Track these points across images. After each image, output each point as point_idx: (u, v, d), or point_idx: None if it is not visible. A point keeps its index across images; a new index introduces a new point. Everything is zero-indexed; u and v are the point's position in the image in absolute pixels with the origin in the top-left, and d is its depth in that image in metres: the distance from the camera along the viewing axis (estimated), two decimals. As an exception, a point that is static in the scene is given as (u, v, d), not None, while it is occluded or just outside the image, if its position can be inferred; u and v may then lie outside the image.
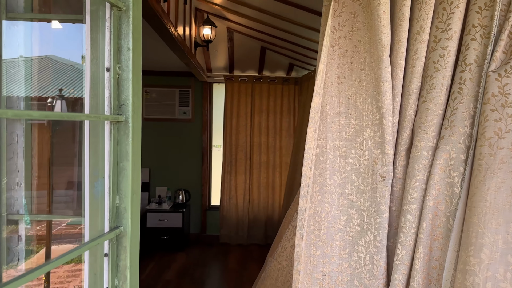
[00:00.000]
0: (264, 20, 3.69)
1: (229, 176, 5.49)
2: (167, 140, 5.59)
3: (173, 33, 2.68)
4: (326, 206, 1.10)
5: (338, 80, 1.13)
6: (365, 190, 1.10)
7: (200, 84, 5.58)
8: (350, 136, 1.12)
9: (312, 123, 1.05)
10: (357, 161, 1.11)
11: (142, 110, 5.44)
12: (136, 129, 0.84)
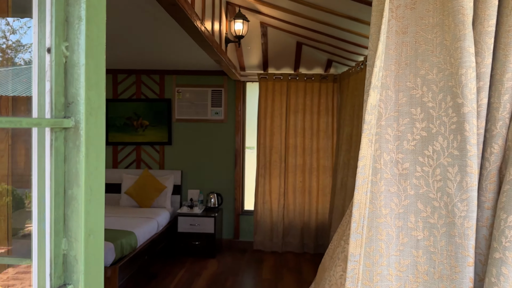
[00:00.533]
0: (301, 11, 3.38)
1: (263, 180, 5.21)
2: (199, 142, 5.39)
3: (198, 26, 2.43)
4: (380, 245, 0.79)
5: (396, 67, 0.81)
6: (437, 224, 0.78)
7: (233, 83, 5.33)
8: (414, 147, 0.81)
9: (367, 130, 0.74)
10: (425, 183, 0.79)
11: (173, 111, 5.29)
12: (94, 138, 0.57)
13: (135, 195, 5.07)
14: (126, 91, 5.43)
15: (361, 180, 0.72)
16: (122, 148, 5.47)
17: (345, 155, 4.12)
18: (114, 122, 5.41)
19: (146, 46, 4.76)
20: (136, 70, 5.36)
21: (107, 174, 5.38)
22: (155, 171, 5.35)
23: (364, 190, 0.73)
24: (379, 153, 0.82)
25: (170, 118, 5.37)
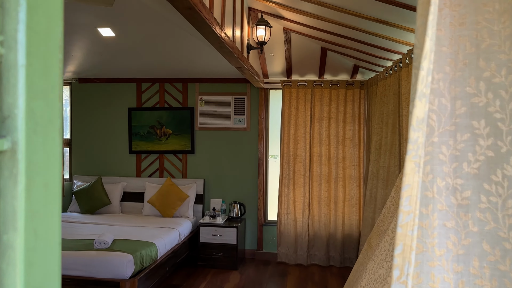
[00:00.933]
0: (325, 15, 3.25)
1: (287, 189, 5.07)
2: (222, 150, 5.31)
3: (217, 32, 2.33)
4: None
5: (451, 69, 0.67)
6: (510, 273, 0.62)
7: (256, 91, 5.24)
8: (478, 171, 0.65)
9: (413, 151, 0.58)
10: (492, 217, 0.64)
11: (196, 119, 5.23)
12: (42, 165, 0.44)
13: (157, 204, 5.02)
14: (150, 99, 5.42)
15: (405, 216, 0.57)
16: (146, 157, 5.45)
17: (374, 165, 3.93)
18: (138, 131, 5.40)
19: (170, 54, 4.74)
20: (159, 78, 5.35)
21: (131, 182, 5.37)
22: (177, 180, 5.29)
23: (409, 229, 0.57)
24: (431, 178, 0.66)
25: (193, 127, 5.31)
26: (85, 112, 5.55)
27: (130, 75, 5.34)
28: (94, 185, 5.21)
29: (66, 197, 5.59)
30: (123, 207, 5.35)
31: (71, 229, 4.32)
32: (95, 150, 5.54)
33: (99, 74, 5.38)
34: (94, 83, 5.52)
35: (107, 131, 5.51)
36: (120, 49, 4.70)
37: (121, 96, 5.46)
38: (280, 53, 4.57)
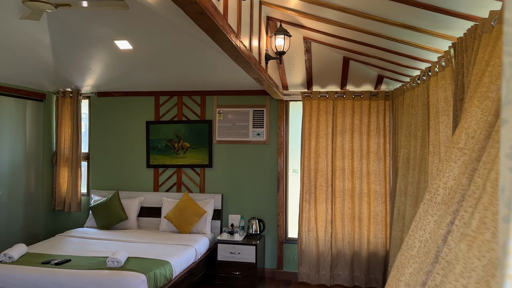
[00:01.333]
0: (347, 22, 3.07)
1: (308, 205, 4.84)
2: (241, 164, 5.15)
3: (232, 40, 2.19)
4: None
5: None
6: None
7: (276, 103, 5.08)
8: None
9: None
10: None
11: (214, 132, 5.11)
12: None
13: (174, 220, 4.88)
14: (168, 113, 5.33)
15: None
16: (163, 171, 5.35)
17: (402, 181, 3.69)
18: (156, 145, 5.31)
19: (188, 67, 4.65)
20: (177, 91, 5.27)
21: (148, 197, 5.26)
22: (195, 195, 5.15)
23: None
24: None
25: (211, 140, 5.18)
26: (104, 126, 5.51)
27: (148, 88, 5.27)
28: (111, 200, 5.13)
29: (83, 212, 5.52)
30: (140, 222, 5.24)
31: (86, 246, 4.22)
32: (113, 164, 5.48)
33: (117, 88, 5.34)
34: (113, 97, 5.48)
35: (125, 145, 5.45)
36: (137, 62, 4.65)
37: (139, 110, 5.40)
38: (300, 63, 4.41)
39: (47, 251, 3.95)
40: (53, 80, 5.20)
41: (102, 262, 3.52)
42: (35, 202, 5.37)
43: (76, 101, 5.39)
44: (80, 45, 4.36)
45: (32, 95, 5.23)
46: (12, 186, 4.96)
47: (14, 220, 5.00)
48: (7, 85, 4.76)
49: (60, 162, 5.44)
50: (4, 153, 4.82)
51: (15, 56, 4.29)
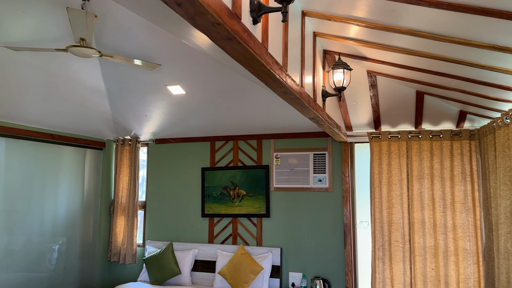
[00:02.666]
0: (420, 49, 2.57)
1: (382, 264, 4.13)
2: (301, 214, 4.63)
3: (274, 72, 1.81)
4: None
5: None
6: None
7: (339, 146, 4.56)
8: None
9: None
10: None
11: (271, 178, 4.70)
12: None
13: (229, 277, 4.43)
14: (224, 158, 5.05)
15: None
16: (218, 221, 4.99)
17: (507, 239, 2.92)
18: (211, 192, 5.01)
19: (242, 110, 4.38)
20: (233, 136, 4.99)
21: (203, 250, 4.90)
22: (251, 248, 4.68)
23: None
24: None
25: (268, 187, 4.76)
26: (160, 173, 5.36)
27: (204, 133, 5.07)
28: (164, 252, 4.84)
29: (138, 264, 5.29)
30: (194, 277, 4.85)
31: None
32: (168, 213, 5.25)
33: (174, 134, 5.21)
34: (170, 143, 5.35)
35: (180, 192, 5.22)
36: (191, 107, 4.47)
37: (195, 156, 5.19)
38: (365, 100, 3.92)
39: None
40: (112, 128, 5.22)
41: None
42: (92, 252, 5.25)
43: (134, 149, 5.34)
44: (134, 92, 4.29)
45: (92, 144, 5.27)
46: (69, 235, 4.90)
47: (70, 271, 4.89)
48: (66, 134, 4.83)
49: (117, 211, 5.34)
50: (62, 201, 4.80)
51: (71, 105, 4.32)
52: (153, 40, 3.38)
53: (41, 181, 4.49)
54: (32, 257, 4.37)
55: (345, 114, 4.14)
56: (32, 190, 4.38)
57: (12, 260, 4.15)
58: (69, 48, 2.77)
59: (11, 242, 4.14)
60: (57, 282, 4.68)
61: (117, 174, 5.40)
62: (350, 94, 3.83)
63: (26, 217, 4.31)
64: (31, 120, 4.24)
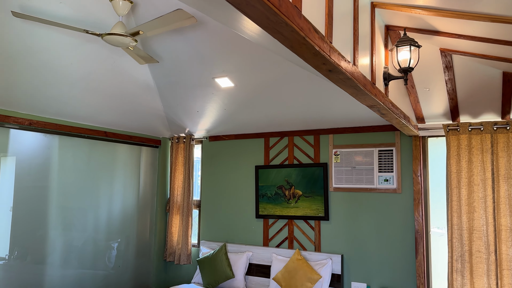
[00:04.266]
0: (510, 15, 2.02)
1: (460, 278, 3.52)
2: (364, 218, 4.13)
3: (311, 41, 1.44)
4: None
5: None
6: None
7: (409, 140, 4.00)
8: None
9: None
10: None
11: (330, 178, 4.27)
12: None
13: (284, 284, 4.08)
14: (278, 156, 4.71)
15: None
16: (273, 222, 4.66)
17: None
18: (266, 192, 4.70)
19: (296, 102, 4.01)
20: (288, 131, 4.63)
21: (257, 253, 4.60)
22: (309, 254, 4.29)
23: None
24: None
25: (326, 187, 4.33)
26: (214, 172, 5.17)
27: (257, 129, 4.77)
28: (217, 254, 4.63)
29: (192, 264, 5.14)
30: (248, 282, 4.58)
31: (181, 309, 3.71)
32: (222, 213, 5.03)
33: (227, 131, 4.98)
34: (223, 141, 5.14)
35: (234, 191, 4.98)
36: (241, 101, 4.20)
37: (249, 153, 4.91)
38: (439, 86, 3.34)
39: (139, 312, 3.55)
40: (166, 126, 5.13)
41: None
42: (148, 251, 5.21)
43: (188, 146, 5.20)
44: (183, 86, 4.12)
45: (147, 141, 5.22)
46: (126, 234, 4.88)
47: (126, 270, 4.87)
48: (120, 132, 4.81)
49: (172, 210, 5.24)
50: (118, 199, 4.79)
51: (121, 101, 4.26)
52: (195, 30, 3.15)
53: (96, 179, 4.50)
54: (89, 255, 4.39)
55: (415, 103, 3.59)
56: (87, 188, 4.40)
57: (69, 257, 4.18)
58: (104, 36, 2.62)
59: (68, 239, 4.18)
60: (113, 280, 4.67)
61: (173, 172, 5.30)
62: (421, 79, 3.29)
63: (82, 215, 4.33)
64: (83, 117, 4.25)
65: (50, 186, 4.02)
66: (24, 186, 3.80)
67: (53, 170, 4.06)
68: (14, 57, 3.15)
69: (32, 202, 3.86)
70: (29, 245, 3.81)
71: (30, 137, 3.88)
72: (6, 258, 3.63)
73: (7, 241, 3.65)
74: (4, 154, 3.68)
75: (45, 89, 3.62)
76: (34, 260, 3.85)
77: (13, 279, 3.66)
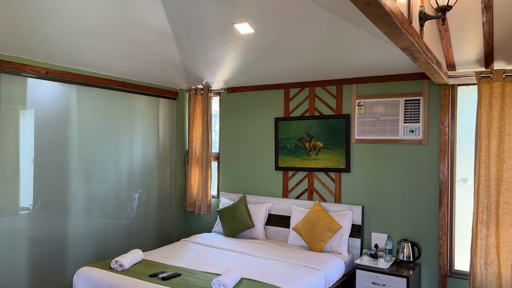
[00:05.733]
0: None
1: (486, 229, 3.47)
2: (387, 170, 4.06)
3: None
4: None
5: None
6: None
7: (437, 89, 3.82)
8: None
9: None
10: None
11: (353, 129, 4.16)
12: None
13: (304, 234, 4.11)
14: (298, 107, 4.59)
15: None
16: (293, 174, 4.62)
17: None
18: (285, 144, 4.63)
19: (319, 50, 3.83)
20: (309, 82, 4.48)
21: (276, 204, 4.61)
22: (329, 205, 4.28)
23: None
24: None
25: (348, 139, 4.23)
26: (233, 124, 5.10)
27: (277, 80, 4.63)
28: (237, 205, 4.66)
29: (213, 215, 5.21)
30: (267, 231, 4.63)
31: (204, 256, 3.79)
32: (242, 165, 5.01)
33: (246, 82, 4.85)
34: (242, 92, 5.02)
35: (253, 144, 4.92)
36: (261, 49, 4.03)
37: (268, 105, 4.80)
38: (474, 29, 3.12)
39: (163, 259, 3.63)
40: (184, 77, 5.02)
41: (210, 281, 2.97)
42: (168, 202, 5.28)
43: (206, 98, 5.11)
44: (200, 33, 3.96)
45: (165, 93, 5.14)
46: (147, 185, 4.93)
47: (148, 219, 4.97)
48: (138, 82, 4.72)
49: (191, 162, 5.25)
50: (138, 151, 4.80)
51: (138, 50, 4.13)
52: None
53: (115, 131, 4.48)
54: (111, 205, 4.46)
55: (447, 48, 3.38)
56: (106, 140, 4.39)
57: (93, 207, 4.26)
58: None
59: (90, 190, 4.23)
60: (136, 229, 4.78)
61: (191, 124, 5.25)
62: (455, 22, 3.07)
63: (102, 167, 4.36)
64: (99, 67, 4.15)
65: (69, 138, 4.02)
66: (44, 138, 3.80)
67: (72, 122, 4.03)
68: (26, 1, 3.02)
69: (52, 154, 3.88)
70: (51, 196, 3.88)
71: (47, 87, 3.83)
72: (30, 208, 3.71)
73: (30, 192, 3.71)
74: (23, 107, 3.65)
75: (60, 36, 3.51)
76: (58, 210, 3.93)
77: (38, 227, 3.76)
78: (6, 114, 3.50)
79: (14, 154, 3.58)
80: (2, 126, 3.47)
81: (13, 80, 3.54)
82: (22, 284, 3.61)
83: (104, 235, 4.37)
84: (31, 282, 3.68)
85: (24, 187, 3.65)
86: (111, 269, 3.25)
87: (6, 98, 3.50)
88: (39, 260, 3.73)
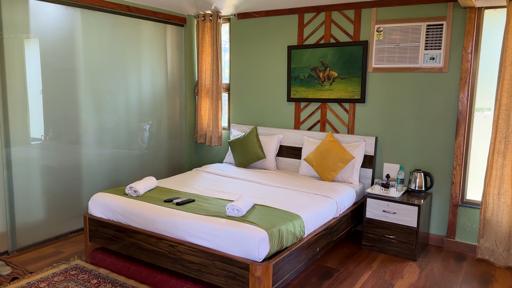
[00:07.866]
0: None
1: (502, 159, 3.42)
2: (403, 100, 3.94)
3: None
4: None
5: None
6: None
7: (462, 13, 3.57)
8: None
9: None
10: None
11: (370, 57, 3.97)
12: None
13: (315, 164, 4.10)
14: (313, 34, 4.37)
15: None
16: (306, 106, 4.53)
17: None
18: (298, 74, 4.48)
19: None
20: (325, 6, 4.22)
21: (288, 135, 4.57)
22: (342, 136, 4.22)
23: None
24: None
25: (365, 68, 4.07)
26: (244, 53, 4.91)
27: (290, 4, 4.36)
28: (248, 136, 4.62)
29: (223, 146, 5.21)
30: (278, 162, 4.64)
31: (217, 184, 3.83)
32: (252, 96, 4.91)
33: (257, 6, 4.58)
34: (253, 18, 4.77)
35: (264, 74, 4.77)
36: (275, -32, 3.74)
37: (281, 32, 4.58)
38: None
39: (176, 186, 3.67)
40: (191, 1, 4.75)
41: (224, 207, 3.01)
42: (179, 133, 5.27)
43: (215, 25, 4.87)
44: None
45: (172, 19, 4.90)
46: (157, 116, 4.89)
47: (159, 150, 4.99)
48: (143, 6, 4.48)
49: (201, 93, 5.14)
50: (147, 81, 4.69)
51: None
52: None
53: (122, 60, 4.34)
54: (122, 136, 4.45)
55: (479, -36, 3.10)
56: (114, 70, 4.27)
57: (105, 137, 4.25)
58: None
59: (100, 121, 4.20)
60: (148, 159, 4.82)
61: (199, 54, 5.07)
62: None
63: (111, 97, 4.28)
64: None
65: (77, 69, 3.90)
66: (51, 68, 3.69)
67: (78, 52, 3.89)
68: None
69: (60, 85, 3.79)
70: (62, 127, 3.85)
71: (51, 12, 3.64)
72: (42, 139, 3.70)
73: (41, 123, 3.68)
74: (27, 35, 3.50)
75: (60, -47, 3.26)
76: (69, 140, 3.92)
77: (51, 157, 3.78)
78: (10, 43, 3.37)
79: (22, 85, 3.49)
80: (8, 57, 3.35)
81: (14, 4, 3.35)
82: (38, 209, 3.71)
83: (117, 165, 4.41)
84: (47, 206, 3.78)
85: (33, 118, 3.62)
86: (126, 195, 3.30)
87: (9, 25, 3.34)
88: (53, 187, 3.80)
